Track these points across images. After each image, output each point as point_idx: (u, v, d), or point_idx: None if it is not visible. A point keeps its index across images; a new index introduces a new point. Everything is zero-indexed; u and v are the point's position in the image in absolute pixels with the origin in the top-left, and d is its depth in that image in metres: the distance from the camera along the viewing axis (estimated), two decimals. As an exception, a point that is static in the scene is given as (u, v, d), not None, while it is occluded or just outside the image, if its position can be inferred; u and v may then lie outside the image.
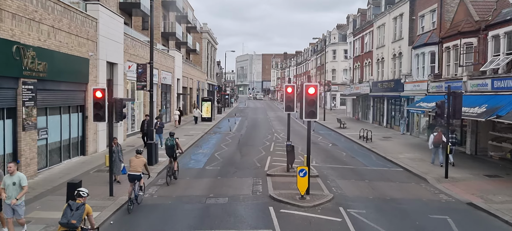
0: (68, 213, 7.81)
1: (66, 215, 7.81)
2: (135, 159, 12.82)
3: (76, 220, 7.75)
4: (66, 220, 7.75)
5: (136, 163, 12.70)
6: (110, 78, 24.20)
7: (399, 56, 35.57)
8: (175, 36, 47.18)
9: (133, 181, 12.48)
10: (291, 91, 16.50)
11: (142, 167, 12.75)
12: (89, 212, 8.14)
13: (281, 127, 39.62)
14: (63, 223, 7.76)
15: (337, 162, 20.84)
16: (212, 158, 21.45)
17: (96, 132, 21.54)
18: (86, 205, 8.09)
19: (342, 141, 30.14)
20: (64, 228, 7.78)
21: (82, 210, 7.93)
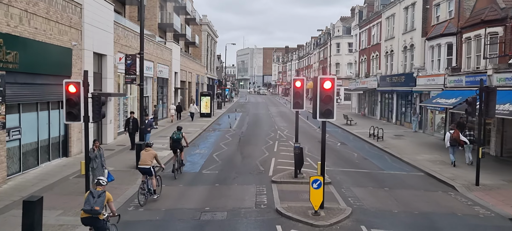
0: (91, 200, 8.13)
1: (89, 202, 8.13)
2: (144, 152, 12.83)
3: (99, 206, 8.08)
4: (89, 207, 8.07)
5: (145, 156, 12.70)
6: (98, 71, 22.03)
7: (410, 48, 33.31)
8: (173, 28, 44.95)
9: (144, 174, 12.63)
10: (300, 85, 14.33)
11: (151, 160, 12.65)
12: (110, 199, 8.48)
13: (284, 123, 37.47)
14: (87, 209, 8.08)
15: (349, 165, 18.68)
16: (210, 160, 19.30)
17: (80, 130, 19.38)
18: (107, 193, 8.42)
19: (350, 139, 27.98)
20: (87, 215, 8.13)
21: (104, 197, 8.26)
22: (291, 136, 28.24)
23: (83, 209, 8.16)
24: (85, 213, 8.13)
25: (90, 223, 8.23)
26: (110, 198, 8.44)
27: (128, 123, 21.24)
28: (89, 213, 8.07)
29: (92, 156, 12.95)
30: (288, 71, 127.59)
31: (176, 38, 50.54)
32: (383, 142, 25.51)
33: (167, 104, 38.81)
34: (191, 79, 52.34)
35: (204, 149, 22.52)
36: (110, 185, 13.43)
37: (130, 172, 16.06)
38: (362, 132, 30.68)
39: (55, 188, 13.77)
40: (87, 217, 8.15)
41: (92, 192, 8.31)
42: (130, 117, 21.32)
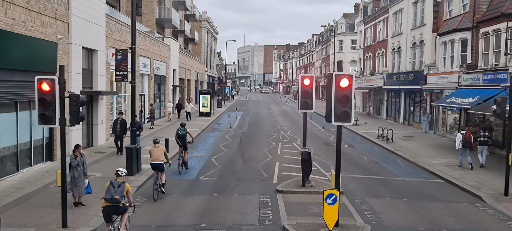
0: (112, 189, 8.64)
1: (109, 191, 8.63)
2: (155, 149, 13.10)
3: (119, 195, 8.57)
4: (110, 196, 8.58)
5: (156, 152, 13.01)
6: (88, 67, 20.45)
7: (420, 44, 31.70)
8: (172, 24, 43.37)
9: (156, 169, 12.93)
10: (309, 84, 12.76)
11: (163, 156, 13.08)
12: (129, 190, 9.02)
13: (286, 123, 35.89)
14: (108, 198, 8.58)
15: (360, 170, 17.10)
16: (208, 164, 17.73)
17: (68, 132, 17.82)
18: (126, 183, 8.96)
19: (358, 140, 26.41)
20: (108, 203, 8.64)
21: (123, 188, 8.77)
22: (294, 136, 26.68)
23: (104, 198, 8.71)
24: (106, 202, 8.66)
25: (111, 211, 8.75)
26: (129, 189, 9.03)
27: (115, 125, 19.08)
28: (109, 201, 8.62)
29: (74, 164, 11.40)
30: (289, 69, 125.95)
31: (175, 34, 48.93)
32: (393, 143, 23.94)
33: (165, 102, 37.25)
34: (190, 77, 50.75)
35: (202, 151, 20.95)
36: (92, 197, 11.93)
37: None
38: (369, 132, 29.12)
39: (33, 198, 12.22)
40: (108, 205, 8.68)
41: (112, 183, 8.83)
42: (118, 118, 19.27)
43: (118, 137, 18.78)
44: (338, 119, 9.25)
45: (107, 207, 8.68)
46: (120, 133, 18.66)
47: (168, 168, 14.66)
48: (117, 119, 19.16)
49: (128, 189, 8.91)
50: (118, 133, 18.67)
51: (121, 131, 18.65)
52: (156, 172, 12.91)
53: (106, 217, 8.77)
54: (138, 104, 28.49)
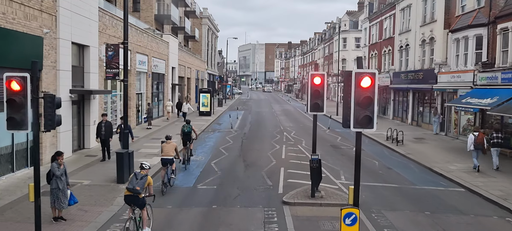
0: (134, 180, 9.23)
1: (132, 182, 9.22)
2: (166, 145, 13.55)
3: (140, 187, 9.12)
4: (132, 186, 9.12)
5: (168, 148, 13.44)
6: (80, 64, 19.09)
7: (430, 42, 30.27)
8: (171, 20, 42.01)
9: (166, 164, 13.27)
10: (320, 82, 11.37)
11: (173, 151, 13.43)
12: (150, 183, 9.53)
13: (290, 123, 34.49)
14: (130, 188, 9.14)
15: (372, 177, 15.72)
16: (207, 170, 16.36)
17: (55, 134, 16.48)
18: (148, 177, 9.45)
19: (366, 142, 24.98)
20: (129, 192, 9.14)
21: (145, 180, 9.32)
22: (299, 138, 25.30)
23: (126, 187, 9.25)
24: (128, 191, 9.18)
25: (131, 200, 9.21)
26: (150, 182, 9.55)
27: (99, 129, 16.99)
28: (131, 191, 9.10)
29: (59, 174, 9.99)
30: (291, 68, 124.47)
31: (174, 31, 47.57)
32: (404, 146, 22.55)
33: (163, 101, 35.90)
34: (190, 75, 49.39)
35: (201, 155, 19.59)
36: (76, 209, 10.60)
37: (109, 187, 13.12)
38: (377, 133, 27.66)
39: (8, 211, 10.85)
40: (129, 194, 9.18)
41: (136, 174, 9.35)
42: (102, 120, 17.24)
43: (103, 141, 16.88)
44: (358, 125, 7.86)
45: (128, 196, 9.26)
46: (106, 136, 16.84)
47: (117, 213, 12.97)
48: (101, 122, 17.14)
49: (149, 182, 9.52)
50: (103, 137, 16.80)
51: (106, 134, 16.85)
52: (164, 169, 13.23)
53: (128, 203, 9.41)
54: (134, 104, 27.13)
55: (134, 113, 27.39)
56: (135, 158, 17.42)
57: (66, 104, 17.12)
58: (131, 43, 25.90)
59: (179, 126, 29.23)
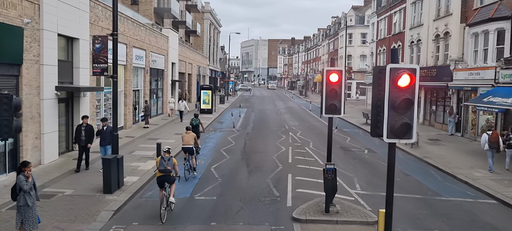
0: (164, 162, 10.68)
1: (162, 164, 10.66)
2: (186, 135, 14.73)
3: (170, 166, 10.64)
4: (163, 167, 10.60)
5: (187, 138, 14.61)
6: (68, 59, 17.48)
7: (444, 37, 28.53)
8: (171, 14, 40.29)
9: (186, 152, 14.46)
10: (337, 80, 9.73)
11: (193, 140, 14.63)
12: (175, 163, 10.92)
13: (295, 122, 32.84)
14: (162, 169, 10.60)
15: (391, 186, 14.04)
16: (206, 176, 14.75)
17: (39, 136, 14.88)
18: (173, 158, 10.94)
19: (377, 144, 23.31)
20: (161, 173, 10.57)
21: (171, 161, 10.79)
22: (306, 139, 23.67)
23: (158, 169, 10.57)
24: (160, 172, 10.56)
25: (164, 179, 10.54)
26: (175, 162, 10.87)
27: (78, 133, 14.37)
28: (163, 172, 10.53)
29: (27, 188, 8.32)
30: (294, 64, 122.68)
31: (175, 25, 45.91)
32: (419, 148, 20.91)
33: (162, 98, 34.29)
34: (191, 70, 47.75)
35: (201, 157, 17.96)
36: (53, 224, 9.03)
37: (94, 198, 11.51)
38: (388, 134, 26.04)
39: (-29, 230, 9.27)
40: (161, 175, 10.55)
41: (163, 157, 10.74)
42: (82, 123, 14.53)
43: (82, 147, 14.32)
44: (393, 135, 6.21)
45: (161, 176, 10.62)
46: (86, 142, 14.26)
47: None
48: (81, 125, 14.49)
49: (175, 163, 10.90)
50: (83, 143, 14.24)
51: (86, 139, 14.26)
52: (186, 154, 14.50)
53: (160, 184, 10.63)
54: (130, 101, 25.53)
55: (131, 111, 25.80)
56: (128, 161, 15.88)
57: (52, 102, 15.53)
58: (127, 37, 24.30)
59: (179, 125, 27.68)
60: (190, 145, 14.55)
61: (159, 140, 20.82)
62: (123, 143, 20.32)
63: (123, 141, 20.90)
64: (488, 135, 16.05)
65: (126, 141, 21.18)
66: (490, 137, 15.96)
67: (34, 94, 14.55)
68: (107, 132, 14.26)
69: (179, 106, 31.46)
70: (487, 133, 16.26)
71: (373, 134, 6.75)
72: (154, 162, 16.02)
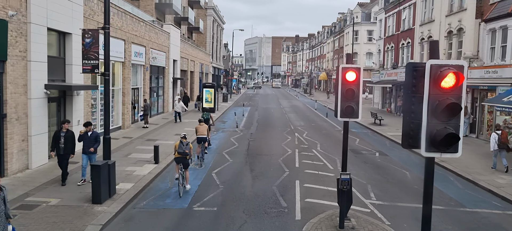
0: (182, 146, 12.51)
1: (181, 147, 12.50)
2: (200, 126, 16.66)
3: (187, 150, 12.51)
4: (182, 150, 12.45)
5: (202, 129, 16.59)
6: (60, 55, 16.34)
7: (458, 33, 27.23)
8: (173, 9, 39.12)
9: (200, 142, 16.46)
10: (354, 79, 8.54)
11: (206, 131, 16.64)
12: (191, 148, 12.88)
13: (300, 122, 31.63)
14: (181, 151, 12.44)
15: (409, 195, 12.85)
16: (207, 182, 13.59)
17: (26, 138, 13.76)
18: (190, 144, 12.87)
19: (388, 146, 22.13)
20: (179, 155, 12.44)
21: (188, 146, 12.65)
22: (313, 140, 22.47)
23: (178, 151, 12.51)
24: (179, 154, 12.50)
25: (181, 160, 12.46)
26: (191, 147, 12.96)
27: (57, 139, 12.22)
28: (181, 154, 12.46)
29: None
30: (298, 62, 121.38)
31: (177, 22, 44.81)
32: (433, 151, 19.63)
33: (163, 97, 33.15)
34: (193, 68, 46.60)
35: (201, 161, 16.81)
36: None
37: (81, 209, 10.36)
38: (398, 135, 24.81)
39: None
40: (179, 157, 12.49)
41: (181, 141, 12.63)
42: (61, 128, 12.48)
43: (62, 157, 12.21)
44: (434, 147, 5.01)
45: (179, 157, 12.42)
46: (65, 151, 12.20)
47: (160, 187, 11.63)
48: (60, 130, 12.41)
49: (191, 147, 12.79)
50: (62, 151, 12.17)
51: (66, 148, 12.16)
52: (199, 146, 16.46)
53: (177, 162, 12.50)
54: (129, 99, 24.40)
55: (129, 110, 24.68)
56: (123, 165, 14.78)
57: (41, 102, 14.41)
58: (126, 32, 23.17)
59: (179, 125, 26.48)
60: (204, 135, 16.52)
61: (158, 142, 19.78)
62: (119, 144, 19.21)
63: (120, 142, 19.79)
64: (498, 135, 15.80)
65: (124, 142, 20.05)
66: (499, 136, 15.74)
67: (20, 93, 13.43)
68: (92, 138, 12.56)
69: (175, 106, 28.91)
70: (496, 133, 15.97)
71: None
72: (151, 166, 14.99)
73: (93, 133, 12.66)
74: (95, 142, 12.57)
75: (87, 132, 12.61)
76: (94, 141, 12.54)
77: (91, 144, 12.50)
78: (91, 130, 12.67)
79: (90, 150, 12.44)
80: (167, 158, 16.49)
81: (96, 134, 12.67)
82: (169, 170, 15.10)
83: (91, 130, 12.68)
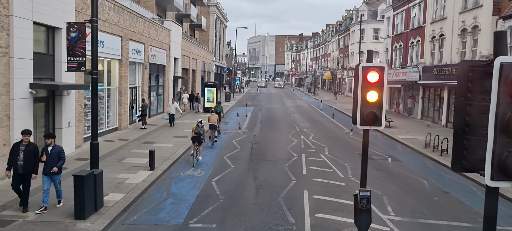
0: (198, 128, 16.08)
1: (197, 129, 16.04)
2: (212, 116, 20.11)
3: (202, 131, 16.16)
4: (198, 131, 15.98)
5: (213, 118, 20.03)
6: (48, 51, 15.12)
7: (472, 31, 25.86)
8: (174, 6, 37.90)
9: (211, 129, 20.04)
10: (377, 80, 7.25)
11: (216, 120, 20.32)
12: (205, 130, 17.23)
13: (306, 123, 30.34)
14: (197, 132, 15.98)
15: (430, 209, 11.55)
16: (206, 193, 12.33)
17: (7, 142, 12.52)
18: (204, 126, 16.78)
19: (399, 150, 20.82)
20: (196, 135, 15.98)
21: (203, 128, 16.39)
22: (320, 144, 21.20)
23: (194, 132, 15.98)
24: (195, 134, 15.99)
25: (196, 139, 15.99)
26: (205, 130, 17.25)
27: (15, 154, 9.78)
28: (197, 134, 15.96)
29: None
30: (302, 60, 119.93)
31: (179, 19, 43.55)
32: (449, 156, 18.33)
33: (163, 96, 31.91)
34: (195, 66, 45.35)
35: (200, 167, 15.57)
36: None
37: (61, 226, 9.12)
38: (409, 138, 23.54)
39: None
40: (195, 136, 15.97)
41: (198, 125, 16.19)
42: (20, 140, 9.96)
43: (20, 176, 9.74)
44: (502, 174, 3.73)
45: (194, 137, 16.04)
46: (25, 168, 9.71)
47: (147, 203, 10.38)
48: (19, 143, 9.89)
49: (205, 130, 17.00)
50: (21, 170, 9.69)
51: (25, 165, 9.69)
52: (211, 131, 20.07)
53: (193, 141, 16.11)
54: (126, 99, 23.17)
55: (126, 111, 23.45)
56: (115, 172, 13.58)
57: (25, 102, 13.20)
58: (123, 28, 21.94)
59: (175, 129, 25.14)
60: (215, 123, 19.99)
61: (156, 145, 18.61)
62: (114, 147, 17.99)
63: (115, 145, 18.58)
64: None
65: (119, 144, 18.83)
66: None
67: (1, 93, 12.22)
68: (53, 154, 9.95)
69: (169, 108, 25.81)
70: None
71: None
72: (146, 173, 13.75)
73: (55, 148, 10.07)
74: (59, 160, 10.00)
75: (47, 146, 10.01)
76: (57, 157, 10.01)
77: (54, 162, 9.90)
78: (52, 144, 10.09)
79: (52, 170, 9.84)
80: (163, 164, 15.25)
81: (59, 149, 10.15)
82: (165, 178, 13.87)
83: (52, 143, 10.11)
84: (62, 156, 10.11)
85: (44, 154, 9.90)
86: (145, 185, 12.49)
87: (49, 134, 10.40)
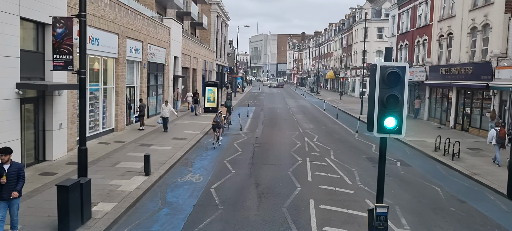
0: (217, 117, 19.57)
1: (216, 118, 19.51)
2: (221, 108, 23.60)
3: (219, 120, 19.56)
4: (216, 120, 19.35)
5: (222, 110, 22.58)
6: (38, 49, 14.24)
7: (483, 29, 24.89)
8: (175, 3, 36.97)
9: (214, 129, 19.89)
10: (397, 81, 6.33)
11: (225, 112, 23.48)
12: (222, 119, 20.62)
13: (309, 124, 29.43)
14: (216, 121, 19.31)
15: (447, 220, 10.63)
16: (204, 201, 11.44)
17: (-9, 147, 11.65)
18: (222, 116, 20.68)
19: (408, 154, 19.90)
20: (215, 123, 19.26)
21: (221, 117, 20.04)
22: (325, 146, 20.29)
23: (214, 120, 19.38)
24: (214, 122, 19.28)
25: (216, 126, 19.22)
26: (222, 119, 20.65)
27: None
28: (216, 122, 19.22)
29: None
30: (304, 60, 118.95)
31: (179, 17, 42.66)
32: (461, 161, 17.49)
33: (162, 96, 31.03)
34: (196, 65, 44.47)
35: (200, 171, 14.70)
36: None
37: (44, 241, 8.25)
38: (418, 140, 22.59)
39: None
40: (214, 124, 19.20)
41: (217, 115, 19.87)
42: None
43: None
44: None
45: (214, 125, 19.20)
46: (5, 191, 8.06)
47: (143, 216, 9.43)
48: None
49: (222, 119, 20.55)
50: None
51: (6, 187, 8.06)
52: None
53: (213, 128, 19.30)
54: (123, 99, 22.29)
55: (123, 111, 22.57)
56: (107, 178, 12.71)
57: (11, 103, 12.33)
58: (120, 26, 21.06)
59: (180, 126, 24.27)
60: (223, 114, 21.89)
61: (153, 147, 17.82)
62: (109, 150, 17.12)
63: (110, 147, 17.71)
64: (497, 131, 17.01)
65: (114, 147, 17.97)
66: (498, 132, 16.92)
67: (-16, 93, 11.36)
68: (11, 173, 8.09)
69: (162, 112, 23.08)
70: (495, 129, 17.20)
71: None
72: (141, 179, 12.88)
73: (13, 166, 8.18)
74: (18, 181, 8.15)
75: (3, 164, 8.08)
76: (16, 178, 8.15)
77: (13, 184, 8.07)
78: (9, 161, 8.16)
79: (13, 194, 8.04)
80: (160, 169, 14.37)
81: (18, 166, 8.28)
82: (161, 184, 12.99)
83: (9, 161, 8.16)
84: (22, 175, 8.21)
85: (4, 175, 7.98)
86: (138, 193, 11.62)
87: (5, 148, 8.15)
